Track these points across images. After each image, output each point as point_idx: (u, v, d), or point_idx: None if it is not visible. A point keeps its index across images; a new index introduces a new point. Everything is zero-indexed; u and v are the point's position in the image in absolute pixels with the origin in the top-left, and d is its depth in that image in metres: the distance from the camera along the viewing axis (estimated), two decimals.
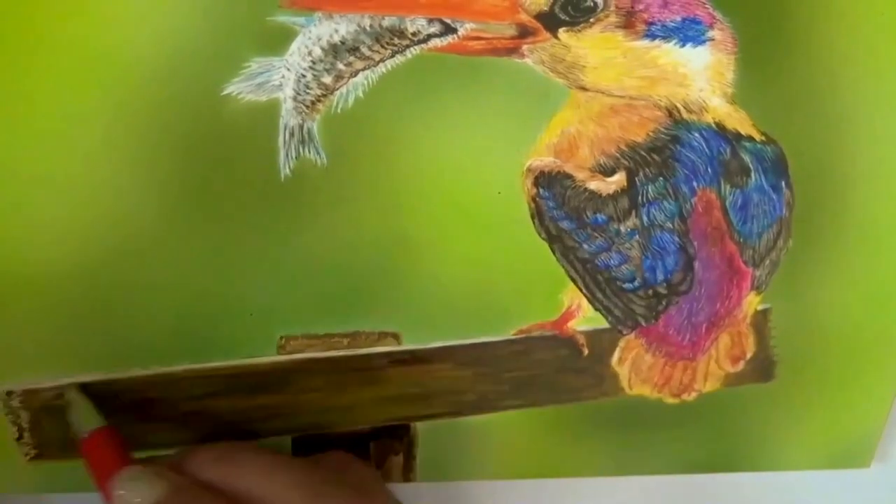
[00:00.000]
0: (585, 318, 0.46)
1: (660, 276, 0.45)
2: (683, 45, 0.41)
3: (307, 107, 0.40)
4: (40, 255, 0.42)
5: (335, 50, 0.39)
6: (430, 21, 0.39)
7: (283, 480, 0.40)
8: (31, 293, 0.43)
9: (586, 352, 0.47)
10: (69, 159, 0.40)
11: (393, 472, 0.49)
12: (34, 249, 0.42)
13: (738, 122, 0.43)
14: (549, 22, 0.40)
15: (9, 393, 0.44)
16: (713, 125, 0.42)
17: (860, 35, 0.41)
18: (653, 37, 0.40)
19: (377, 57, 0.39)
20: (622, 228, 0.43)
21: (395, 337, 0.45)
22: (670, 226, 0.43)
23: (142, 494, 0.38)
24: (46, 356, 0.44)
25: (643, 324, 0.46)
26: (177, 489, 0.39)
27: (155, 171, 0.41)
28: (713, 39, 0.41)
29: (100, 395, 0.44)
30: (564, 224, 0.43)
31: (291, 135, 0.40)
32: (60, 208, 0.41)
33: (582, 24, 0.40)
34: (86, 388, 0.44)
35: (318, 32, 0.39)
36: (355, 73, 0.40)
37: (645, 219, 0.43)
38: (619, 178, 0.43)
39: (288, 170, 0.41)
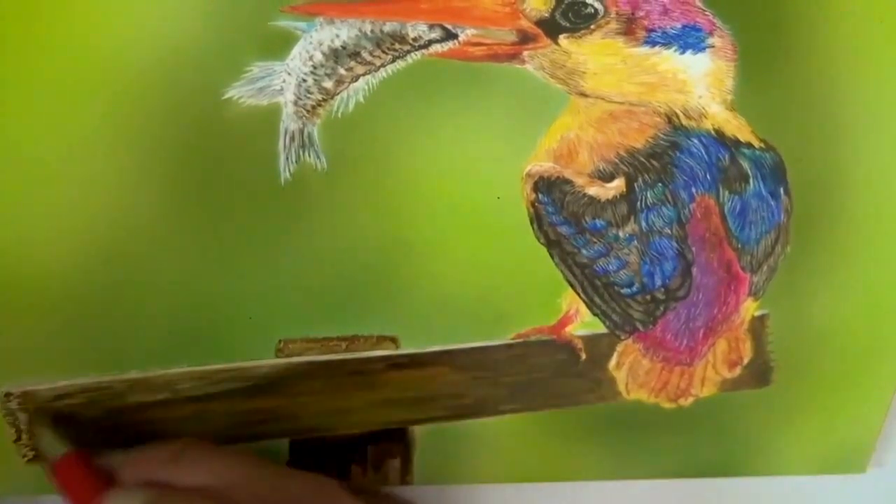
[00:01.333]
0: (583, 322, 0.46)
1: (658, 282, 0.45)
2: (683, 52, 0.41)
3: (308, 111, 0.40)
4: (39, 257, 0.42)
5: (336, 55, 0.39)
6: (431, 26, 0.39)
7: (241, 473, 0.41)
8: (30, 295, 0.43)
9: (584, 356, 0.47)
10: (69, 162, 0.40)
11: (390, 475, 0.49)
12: (33, 252, 0.42)
13: (738, 128, 0.43)
14: (550, 28, 0.40)
15: (7, 394, 0.44)
16: (712, 131, 0.42)
17: (859, 43, 0.41)
18: (653, 43, 0.41)
19: (378, 62, 0.40)
20: (621, 234, 0.44)
21: (394, 341, 0.45)
22: (669, 231, 0.44)
23: None
24: (45, 358, 0.44)
25: (641, 329, 0.46)
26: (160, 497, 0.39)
27: (155, 174, 0.41)
28: (713, 46, 0.41)
29: (97, 397, 0.44)
30: (563, 229, 0.43)
31: (292, 139, 0.40)
32: (59, 210, 0.41)
33: (582, 31, 0.40)
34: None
35: (319, 37, 0.39)
36: (356, 78, 0.40)
37: (643, 224, 0.43)
38: (618, 184, 0.43)
39: (288, 174, 0.41)
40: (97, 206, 0.41)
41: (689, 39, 0.41)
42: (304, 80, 0.39)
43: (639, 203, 0.43)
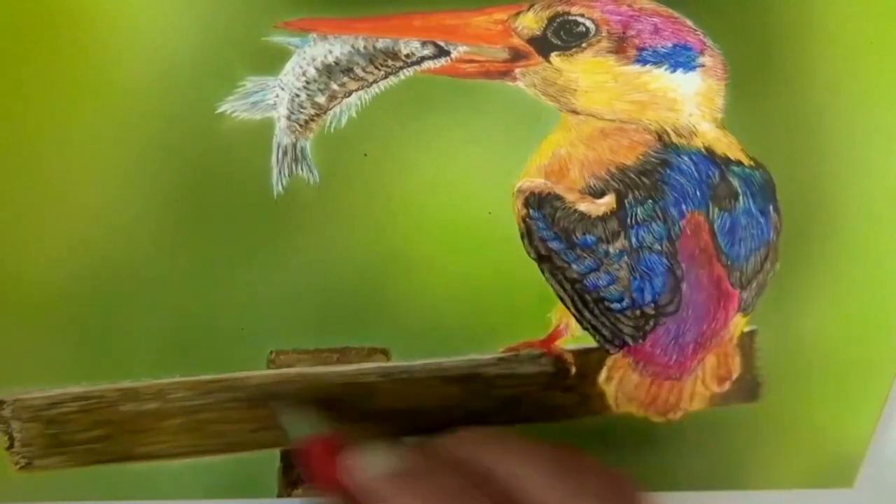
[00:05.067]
0: (573, 336, 0.46)
1: (647, 297, 0.45)
2: (674, 71, 0.41)
3: (301, 126, 0.40)
4: (33, 267, 0.42)
5: (329, 70, 0.40)
6: (424, 43, 0.40)
7: (542, 471, 0.37)
8: (24, 304, 0.43)
9: (574, 370, 0.47)
10: (65, 175, 0.40)
11: None
12: (28, 262, 0.42)
13: (727, 146, 0.43)
14: (542, 46, 0.40)
15: (0, 402, 0.44)
16: (702, 149, 0.43)
17: (849, 63, 0.42)
18: (644, 62, 0.41)
19: (371, 78, 0.40)
20: (611, 249, 0.44)
21: (385, 353, 0.46)
22: (658, 248, 0.44)
23: (375, 465, 0.37)
24: (38, 367, 0.44)
25: (631, 343, 0.46)
26: (416, 462, 0.37)
27: (149, 188, 0.41)
28: (704, 65, 0.41)
29: (89, 406, 0.45)
30: (554, 244, 0.44)
31: (285, 153, 0.41)
32: (55, 222, 0.41)
33: (574, 49, 0.40)
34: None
35: (312, 53, 0.39)
36: (349, 94, 0.40)
37: (633, 240, 0.44)
38: (608, 200, 0.43)
39: (281, 187, 0.41)
40: (91, 217, 0.41)
41: (679, 58, 0.41)
42: (298, 95, 0.40)
43: (629, 219, 0.43)
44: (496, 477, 0.37)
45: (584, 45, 0.40)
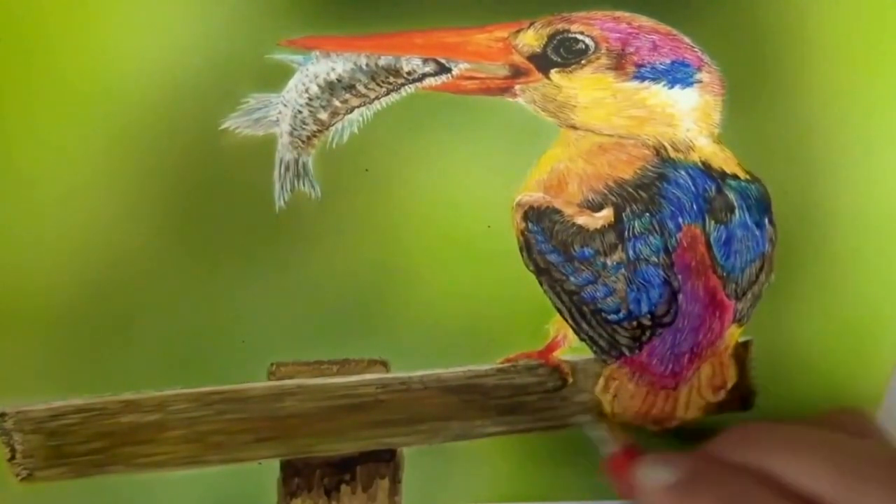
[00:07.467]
0: (571, 347, 0.47)
1: (644, 308, 0.45)
2: (672, 87, 0.42)
3: (303, 142, 0.41)
4: (35, 280, 0.42)
5: (331, 87, 0.40)
6: (425, 60, 0.40)
7: (809, 461, 0.37)
8: (27, 317, 0.43)
9: (571, 380, 0.48)
10: (68, 190, 0.40)
11: (378, 495, 0.49)
12: (29, 274, 0.42)
13: (724, 161, 0.43)
14: (542, 63, 0.41)
15: (2, 414, 0.45)
16: (699, 164, 0.43)
17: (844, 79, 0.42)
18: (642, 78, 0.41)
19: (372, 94, 0.40)
20: (608, 262, 0.44)
21: (384, 364, 0.46)
22: (655, 260, 0.44)
23: (655, 478, 0.41)
24: (40, 378, 0.44)
25: (627, 354, 0.47)
26: (695, 471, 0.40)
27: (153, 201, 0.41)
28: (701, 82, 0.42)
29: (91, 417, 0.45)
30: (552, 257, 0.44)
31: (287, 168, 0.41)
32: (57, 233, 0.41)
33: (573, 66, 0.41)
34: None
35: (315, 70, 0.40)
36: (351, 110, 0.40)
37: (631, 253, 0.44)
38: (606, 214, 0.43)
39: (283, 202, 0.42)
40: (94, 230, 0.41)
41: (677, 75, 0.41)
42: (300, 112, 0.40)
43: (626, 232, 0.44)
44: (774, 473, 0.38)
45: (583, 61, 0.41)
